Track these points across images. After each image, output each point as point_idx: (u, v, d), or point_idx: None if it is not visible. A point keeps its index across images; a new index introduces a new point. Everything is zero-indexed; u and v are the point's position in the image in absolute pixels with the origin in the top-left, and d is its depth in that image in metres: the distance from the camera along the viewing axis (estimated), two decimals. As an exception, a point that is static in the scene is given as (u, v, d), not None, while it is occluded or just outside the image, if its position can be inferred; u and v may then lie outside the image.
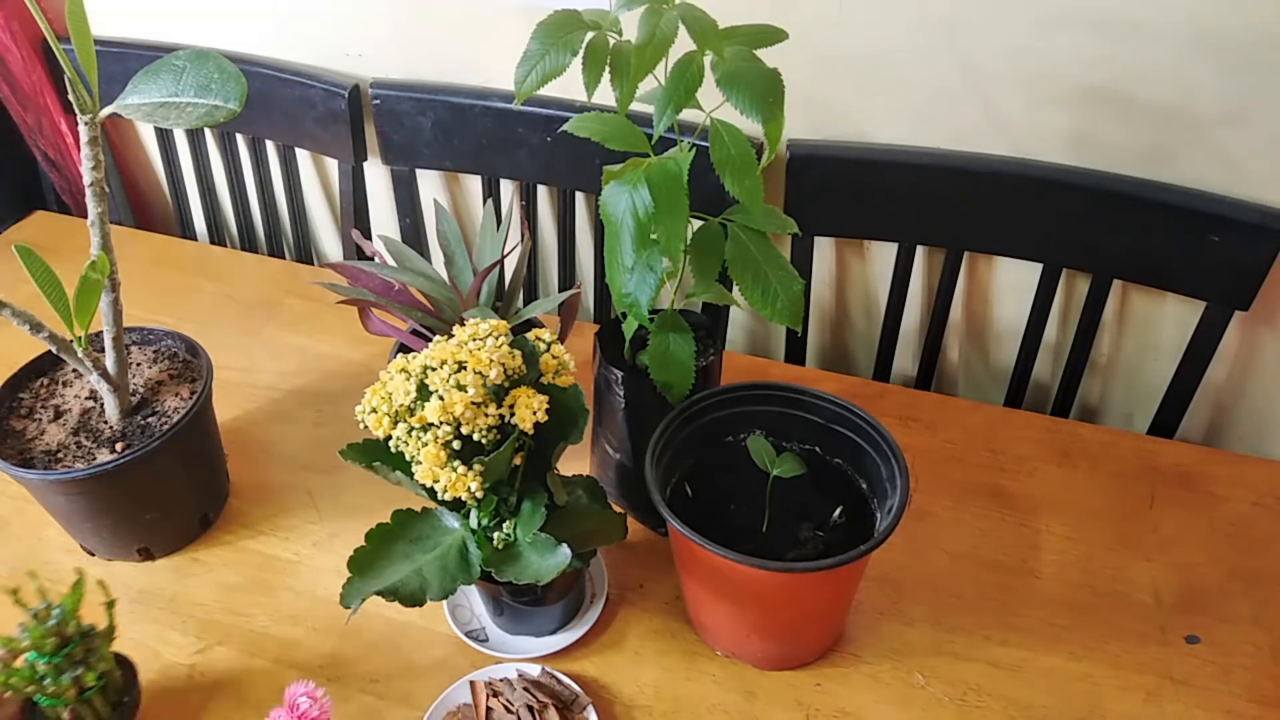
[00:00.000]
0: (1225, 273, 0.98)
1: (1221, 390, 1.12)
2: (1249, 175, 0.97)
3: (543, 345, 0.71)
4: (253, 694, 0.78)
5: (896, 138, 1.08)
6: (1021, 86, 1.00)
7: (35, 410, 0.87)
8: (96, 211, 0.76)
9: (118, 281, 0.80)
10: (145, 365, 0.91)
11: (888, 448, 0.75)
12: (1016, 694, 0.77)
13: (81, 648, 0.69)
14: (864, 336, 1.26)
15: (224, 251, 1.36)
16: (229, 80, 0.71)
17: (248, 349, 1.13)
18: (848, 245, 1.19)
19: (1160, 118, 0.97)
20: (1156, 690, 0.77)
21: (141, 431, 0.84)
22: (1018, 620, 0.82)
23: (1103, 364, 1.16)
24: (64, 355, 0.79)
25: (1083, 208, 1.01)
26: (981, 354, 1.22)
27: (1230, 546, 0.88)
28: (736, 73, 0.68)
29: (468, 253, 0.94)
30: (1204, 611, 0.82)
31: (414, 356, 0.68)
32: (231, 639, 0.82)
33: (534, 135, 1.17)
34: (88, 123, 0.72)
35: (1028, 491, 0.94)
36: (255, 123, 1.33)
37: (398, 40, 1.23)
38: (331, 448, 0.71)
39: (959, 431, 1.00)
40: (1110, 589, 0.84)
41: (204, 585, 0.86)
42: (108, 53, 1.31)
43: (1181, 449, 0.99)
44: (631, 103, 0.70)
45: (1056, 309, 1.12)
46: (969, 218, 1.07)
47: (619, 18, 0.70)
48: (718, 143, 0.70)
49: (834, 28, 1.02)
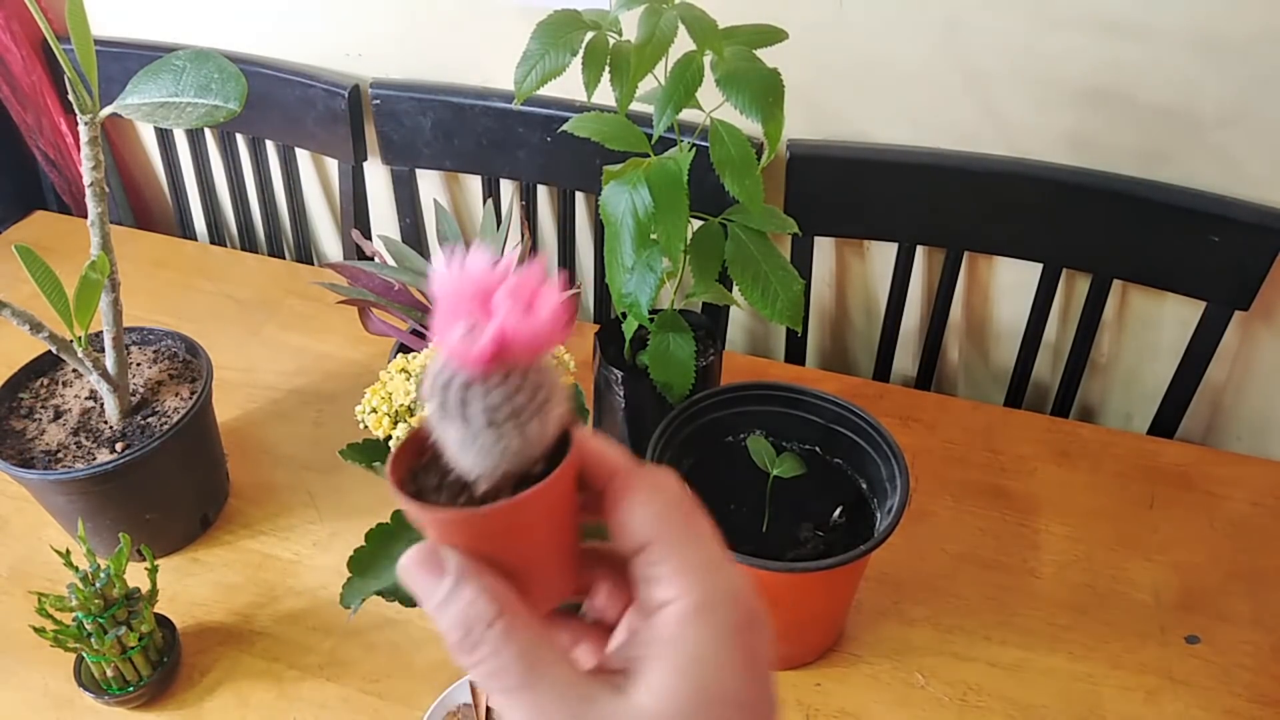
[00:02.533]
0: (1225, 273, 0.98)
1: (1221, 390, 1.12)
2: (1249, 175, 0.97)
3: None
4: (252, 695, 0.78)
5: (897, 138, 1.08)
6: (1022, 87, 1.00)
7: (35, 410, 0.87)
8: (96, 211, 0.76)
9: (118, 281, 0.80)
10: (145, 365, 0.91)
11: (888, 448, 0.75)
12: (1016, 694, 0.77)
13: (125, 609, 0.74)
14: (864, 336, 1.26)
15: (224, 251, 1.36)
16: (229, 80, 0.71)
17: (248, 349, 1.13)
18: (848, 245, 1.19)
19: (1160, 118, 0.97)
20: (1157, 690, 0.77)
21: (141, 432, 0.84)
22: (1018, 620, 0.82)
23: (1103, 364, 1.16)
24: (64, 355, 0.79)
25: (1082, 207, 1.01)
26: (981, 354, 1.22)
27: (1230, 546, 0.88)
28: (736, 73, 0.68)
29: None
30: (1204, 611, 0.82)
31: (414, 356, 0.68)
32: (231, 639, 0.82)
33: (534, 135, 1.17)
34: (88, 123, 0.72)
35: (1028, 491, 0.93)
36: (255, 123, 1.33)
37: (398, 40, 1.23)
38: (331, 448, 0.71)
39: (959, 431, 1.00)
40: (1110, 589, 0.84)
41: (204, 585, 0.86)
42: (108, 53, 1.31)
43: (1181, 449, 0.99)
44: (631, 102, 0.70)
45: (1056, 309, 1.12)
46: (969, 218, 1.07)
47: (619, 17, 0.70)
48: (717, 143, 0.70)
49: (834, 28, 1.02)
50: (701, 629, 0.28)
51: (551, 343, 0.29)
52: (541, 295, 0.28)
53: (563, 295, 0.29)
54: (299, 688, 0.78)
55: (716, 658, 0.28)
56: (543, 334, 0.28)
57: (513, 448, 0.29)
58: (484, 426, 0.28)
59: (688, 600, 0.28)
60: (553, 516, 0.31)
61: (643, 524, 0.30)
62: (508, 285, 0.28)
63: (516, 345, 0.28)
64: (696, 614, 0.28)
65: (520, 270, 0.29)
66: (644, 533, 0.30)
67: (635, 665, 0.28)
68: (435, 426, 0.29)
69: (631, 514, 0.30)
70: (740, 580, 0.30)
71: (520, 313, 0.28)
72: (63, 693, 0.77)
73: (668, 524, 0.30)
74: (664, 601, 0.29)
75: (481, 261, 0.28)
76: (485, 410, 0.28)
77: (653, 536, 0.30)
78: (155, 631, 0.76)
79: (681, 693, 0.27)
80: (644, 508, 0.30)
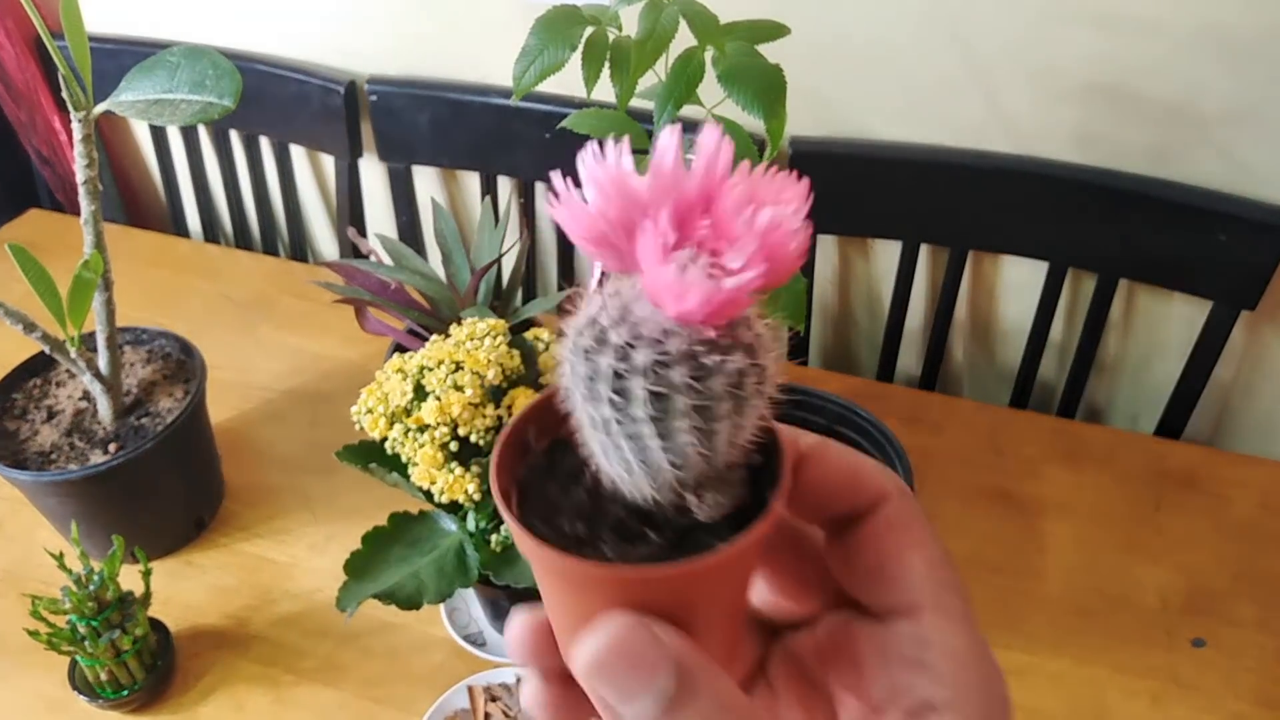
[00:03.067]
0: (1232, 271, 0.98)
1: (1228, 390, 1.11)
2: (1256, 173, 0.96)
3: (541, 345, 0.70)
4: (248, 699, 0.77)
5: (900, 135, 1.07)
6: (1027, 84, 0.99)
7: (28, 411, 0.86)
8: (90, 209, 0.75)
9: (111, 280, 0.79)
10: (139, 365, 0.90)
11: (892, 449, 0.74)
12: (1022, 698, 0.76)
13: (119, 612, 0.73)
14: (868, 335, 1.25)
15: (218, 250, 1.35)
16: (223, 77, 0.70)
17: (242, 349, 1.12)
18: (851, 243, 1.18)
19: (1167, 115, 0.96)
20: (1162, 694, 0.76)
21: (135, 432, 0.83)
22: (1023, 624, 0.81)
23: (1109, 364, 1.15)
24: (57, 355, 0.78)
25: (1088, 206, 1.00)
26: (986, 353, 1.21)
27: (1237, 548, 0.87)
28: (738, 68, 0.67)
29: (465, 251, 0.93)
30: (1210, 614, 0.81)
31: (411, 356, 0.67)
32: (226, 643, 0.81)
33: (532, 132, 1.16)
34: (81, 120, 0.71)
35: (1033, 493, 0.93)
36: (250, 119, 1.32)
37: (395, 35, 1.22)
38: (327, 449, 0.70)
39: (964, 432, 0.99)
40: (1116, 592, 0.83)
41: (198, 588, 0.85)
42: (102, 49, 1.30)
43: (1188, 450, 0.98)
44: (631, 99, 0.69)
45: (1062, 308, 1.12)
46: (974, 215, 1.06)
47: (619, 13, 0.69)
48: (719, 140, 0.69)
49: (837, 23, 1.01)
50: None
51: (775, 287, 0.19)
52: (785, 213, 0.18)
53: (805, 206, 0.19)
54: (295, 692, 0.77)
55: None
56: (784, 272, 0.19)
57: (706, 450, 0.19)
58: (682, 413, 0.19)
59: (963, 713, 0.22)
60: (750, 566, 0.22)
61: (917, 582, 0.23)
62: (739, 194, 0.18)
63: (752, 292, 0.18)
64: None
65: (749, 170, 0.19)
66: (913, 595, 0.23)
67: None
68: (578, 409, 0.20)
69: (910, 567, 0.23)
70: (1000, 675, 0.24)
71: (773, 242, 0.18)
72: (57, 696, 0.76)
73: (941, 587, 0.23)
74: (927, 703, 0.22)
75: (702, 150, 0.19)
76: (686, 390, 0.19)
77: (924, 603, 0.23)
78: (149, 635, 0.76)
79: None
80: (918, 556, 0.23)
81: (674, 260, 0.18)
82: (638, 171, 0.19)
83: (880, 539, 0.24)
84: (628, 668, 0.19)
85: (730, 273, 0.18)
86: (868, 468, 0.24)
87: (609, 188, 0.18)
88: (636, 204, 0.18)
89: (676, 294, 0.18)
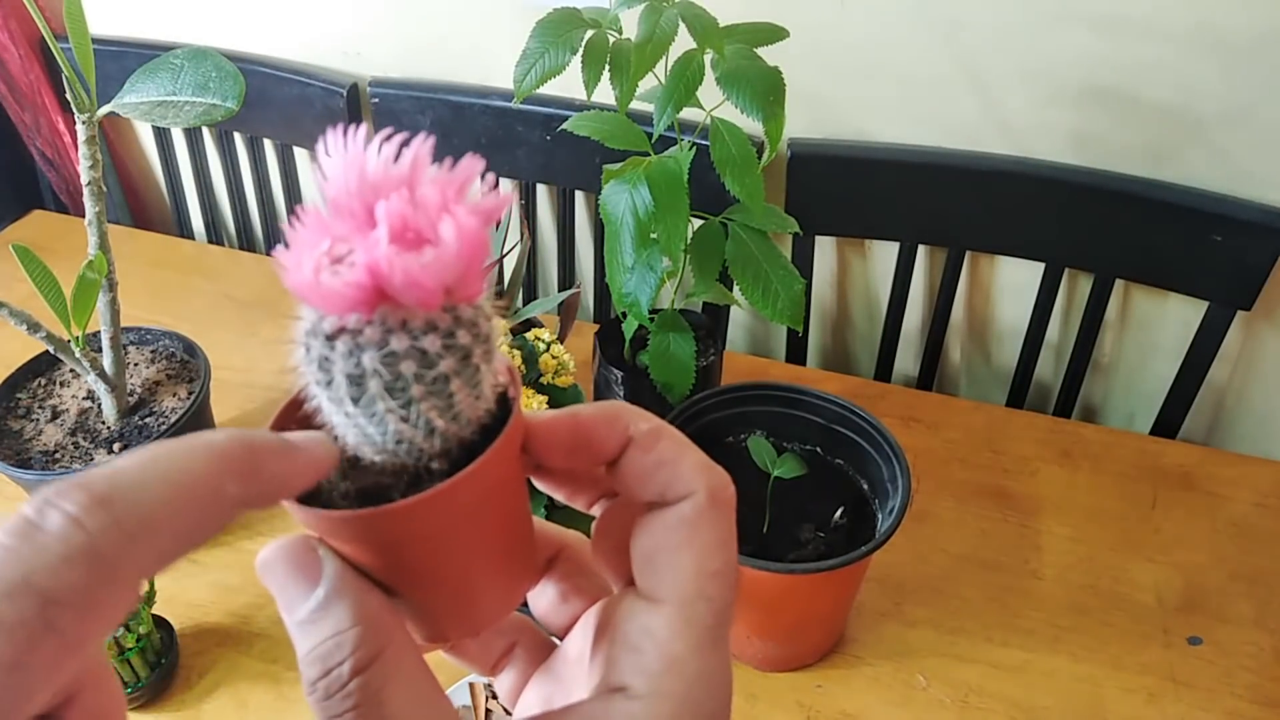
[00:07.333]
0: (1227, 272, 0.98)
1: (1224, 390, 1.12)
2: (1252, 174, 0.96)
3: (542, 345, 0.71)
4: (251, 696, 0.77)
5: (898, 136, 1.07)
6: (1023, 85, 1.00)
7: (33, 410, 0.86)
8: (94, 211, 0.75)
9: (115, 281, 0.80)
10: (143, 365, 0.91)
11: (889, 448, 0.74)
12: (1018, 696, 0.76)
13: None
14: (865, 336, 1.25)
15: (222, 251, 1.35)
16: (227, 79, 0.70)
17: (246, 349, 1.13)
18: (849, 244, 1.18)
19: (1162, 116, 0.96)
20: (1159, 691, 0.76)
21: (139, 432, 0.84)
22: (1020, 622, 0.82)
23: (1105, 364, 1.16)
24: (61, 355, 0.78)
25: (1085, 207, 1.01)
26: (983, 354, 1.21)
27: (1232, 547, 0.87)
28: (737, 71, 0.67)
29: (467, 252, 0.93)
30: (1206, 612, 0.82)
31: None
32: (229, 641, 0.81)
33: (533, 134, 1.17)
34: (85, 121, 0.72)
35: (1030, 492, 0.93)
36: (253, 121, 1.33)
37: (396, 38, 1.22)
38: (330, 448, 0.71)
39: (961, 432, 1.00)
40: (1112, 590, 0.84)
41: (202, 586, 0.86)
42: (105, 51, 1.30)
43: (1184, 449, 0.98)
44: (631, 101, 0.70)
45: (1058, 308, 1.12)
46: (971, 217, 1.07)
47: (619, 16, 0.70)
48: (718, 141, 0.69)
49: (835, 26, 1.02)
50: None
51: (464, 279, 0.21)
52: (451, 209, 0.20)
53: (487, 208, 0.21)
54: (298, 689, 0.77)
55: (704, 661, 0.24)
56: (438, 268, 0.20)
57: (418, 425, 0.22)
58: (375, 394, 0.21)
59: (653, 711, 0.23)
60: (484, 512, 0.24)
61: (676, 579, 0.24)
62: (406, 188, 0.20)
63: (398, 283, 0.20)
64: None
65: (435, 167, 0.21)
66: (666, 590, 0.24)
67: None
68: (309, 391, 0.23)
69: (675, 564, 0.24)
70: (722, 706, 0.24)
71: (412, 235, 0.20)
72: (60, 694, 0.77)
73: (699, 596, 0.24)
74: (624, 686, 0.23)
75: (384, 149, 0.20)
76: (370, 374, 0.21)
77: (671, 600, 0.24)
78: (153, 633, 0.76)
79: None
80: (690, 557, 0.24)
81: (308, 252, 0.20)
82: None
83: (666, 530, 0.24)
84: (286, 569, 0.23)
85: (345, 270, 0.20)
86: (691, 464, 0.25)
87: (326, 176, 0.20)
88: (334, 194, 0.20)
89: (303, 286, 0.20)
